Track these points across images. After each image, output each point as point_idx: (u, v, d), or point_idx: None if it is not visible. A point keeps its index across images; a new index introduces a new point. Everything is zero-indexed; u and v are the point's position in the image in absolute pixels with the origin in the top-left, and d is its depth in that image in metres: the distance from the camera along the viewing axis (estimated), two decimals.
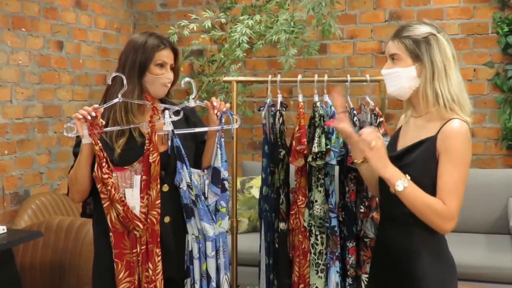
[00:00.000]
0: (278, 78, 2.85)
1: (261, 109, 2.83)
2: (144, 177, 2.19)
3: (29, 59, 3.95)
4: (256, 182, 4.39)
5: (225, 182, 2.34)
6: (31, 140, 3.98)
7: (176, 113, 2.30)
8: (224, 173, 2.33)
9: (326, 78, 2.77)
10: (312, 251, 2.69)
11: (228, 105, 2.35)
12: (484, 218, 4.18)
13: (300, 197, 2.71)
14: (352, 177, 2.63)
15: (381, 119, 2.64)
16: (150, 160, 2.18)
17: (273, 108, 2.81)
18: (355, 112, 2.65)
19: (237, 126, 2.45)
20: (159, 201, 2.20)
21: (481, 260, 3.69)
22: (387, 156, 1.97)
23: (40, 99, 4.06)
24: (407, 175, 1.93)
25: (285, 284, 2.76)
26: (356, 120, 2.63)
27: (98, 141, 2.15)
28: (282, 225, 2.77)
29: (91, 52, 4.64)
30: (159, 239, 2.21)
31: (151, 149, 2.18)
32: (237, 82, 3.12)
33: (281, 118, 2.78)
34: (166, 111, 2.27)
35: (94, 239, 2.34)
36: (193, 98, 2.31)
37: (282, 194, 2.79)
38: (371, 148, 1.96)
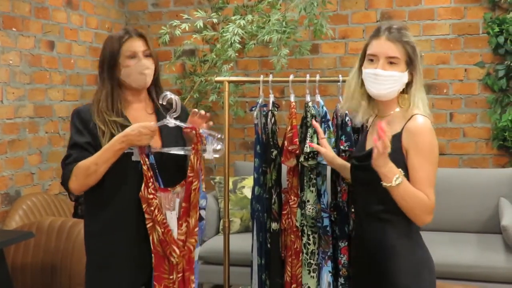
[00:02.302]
0: (270, 78, 2.85)
1: (253, 109, 2.83)
2: (184, 204, 2.17)
3: (20, 59, 3.93)
4: (248, 182, 4.38)
5: (202, 211, 2.25)
6: (22, 141, 3.96)
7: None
8: (201, 202, 2.23)
9: (318, 78, 2.78)
10: (304, 251, 2.69)
11: (206, 131, 2.21)
12: (475, 218, 4.20)
13: (292, 197, 2.72)
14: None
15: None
16: (192, 188, 2.16)
17: (265, 108, 2.81)
18: (347, 111, 2.65)
19: (214, 157, 2.21)
20: (197, 229, 2.18)
21: (473, 259, 3.70)
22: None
23: (31, 99, 4.04)
24: (400, 170, 1.95)
25: (278, 284, 2.76)
26: (348, 120, 2.64)
27: (146, 160, 2.14)
28: (274, 225, 2.77)
29: (83, 52, 4.63)
30: (194, 266, 2.19)
31: (193, 176, 2.16)
32: (229, 82, 3.12)
33: (273, 118, 2.78)
34: (170, 120, 2.20)
35: (85, 239, 2.32)
36: (172, 117, 2.21)
37: (274, 194, 2.80)
38: (383, 153, 1.92)
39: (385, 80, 2.05)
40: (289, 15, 4.26)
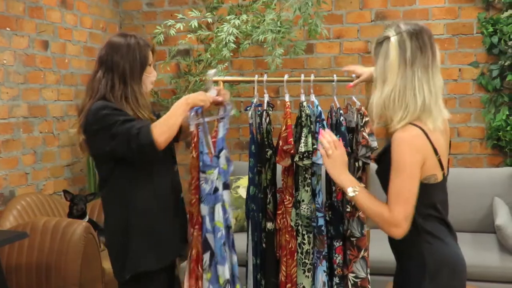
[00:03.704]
0: (265, 78, 2.85)
1: (248, 108, 2.83)
2: None
3: (14, 58, 3.92)
4: (243, 182, 4.38)
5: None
6: (16, 140, 3.95)
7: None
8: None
9: (312, 78, 2.78)
10: (299, 250, 2.69)
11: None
12: (469, 217, 4.21)
13: (287, 196, 2.72)
14: None
15: (367, 118, 2.64)
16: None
17: (259, 108, 2.81)
18: (341, 111, 2.66)
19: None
20: (192, 187, 2.54)
21: (467, 258, 3.64)
22: (344, 164, 2.09)
23: (25, 99, 4.03)
24: (361, 184, 2.04)
25: (273, 284, 2.76)
26: (342, 120, 2.64)
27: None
28: (269, 225, 2.77)
29: (77, 52, 4.61)
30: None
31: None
32: (224, 82, 3.11)
33: (267, 118, 2.78)
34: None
35: (125, 220, 2.39)
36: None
37: (269, 194, 2.80)
38: (328, 155, 2.08)
39: None
40: (283, 15, 4.26)
